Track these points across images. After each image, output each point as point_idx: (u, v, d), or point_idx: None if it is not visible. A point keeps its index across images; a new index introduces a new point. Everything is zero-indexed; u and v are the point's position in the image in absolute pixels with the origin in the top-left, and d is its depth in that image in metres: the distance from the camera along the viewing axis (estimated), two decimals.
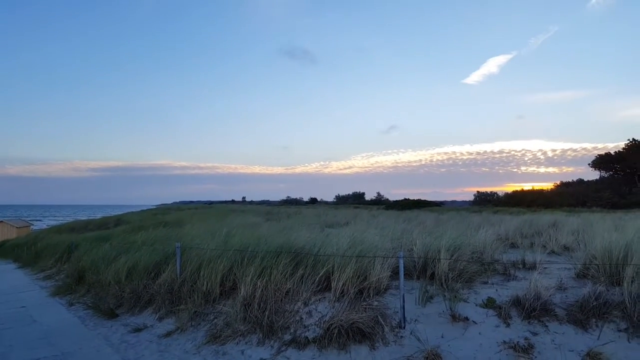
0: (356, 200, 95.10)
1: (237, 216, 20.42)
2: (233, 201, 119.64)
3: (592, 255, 6.95)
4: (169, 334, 6.22)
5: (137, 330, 6.58)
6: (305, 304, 5.93)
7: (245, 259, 6.69)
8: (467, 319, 5.39)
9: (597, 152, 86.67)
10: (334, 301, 5.94)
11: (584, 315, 5.21)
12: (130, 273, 8.25)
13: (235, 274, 6.53)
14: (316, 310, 5.82)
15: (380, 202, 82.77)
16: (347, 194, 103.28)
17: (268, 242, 7.46)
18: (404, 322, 5.47)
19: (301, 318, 5.70)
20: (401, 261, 5.74)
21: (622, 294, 5.45)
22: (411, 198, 71.10)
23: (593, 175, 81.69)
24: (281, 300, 6.01)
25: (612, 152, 75.90)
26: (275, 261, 6.47)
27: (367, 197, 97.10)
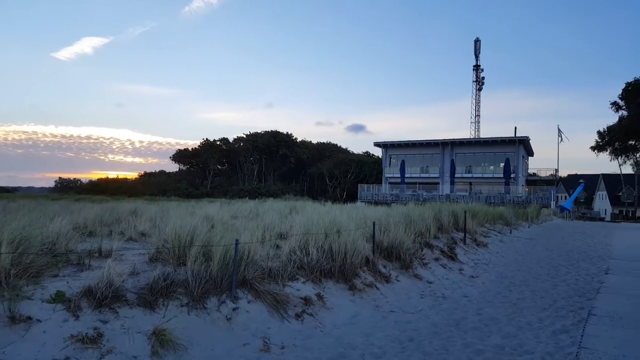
0: None
1: None
2: None
3: (164, 240, 7.62)
4: None
5: None
6: None
7: None
8: (30, 318, 4.79)
9: (178, 147, 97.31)
10: None
11: (153, 296, 5.65)
12: None
13: None
14: None
15: None
16: None
17: None
18: None
19: None
20: None
21: (187, 273, 6.26)
22: None
23: (174, 167, 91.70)
24: None
25: (190, 148, 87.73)
26: None
27: None
